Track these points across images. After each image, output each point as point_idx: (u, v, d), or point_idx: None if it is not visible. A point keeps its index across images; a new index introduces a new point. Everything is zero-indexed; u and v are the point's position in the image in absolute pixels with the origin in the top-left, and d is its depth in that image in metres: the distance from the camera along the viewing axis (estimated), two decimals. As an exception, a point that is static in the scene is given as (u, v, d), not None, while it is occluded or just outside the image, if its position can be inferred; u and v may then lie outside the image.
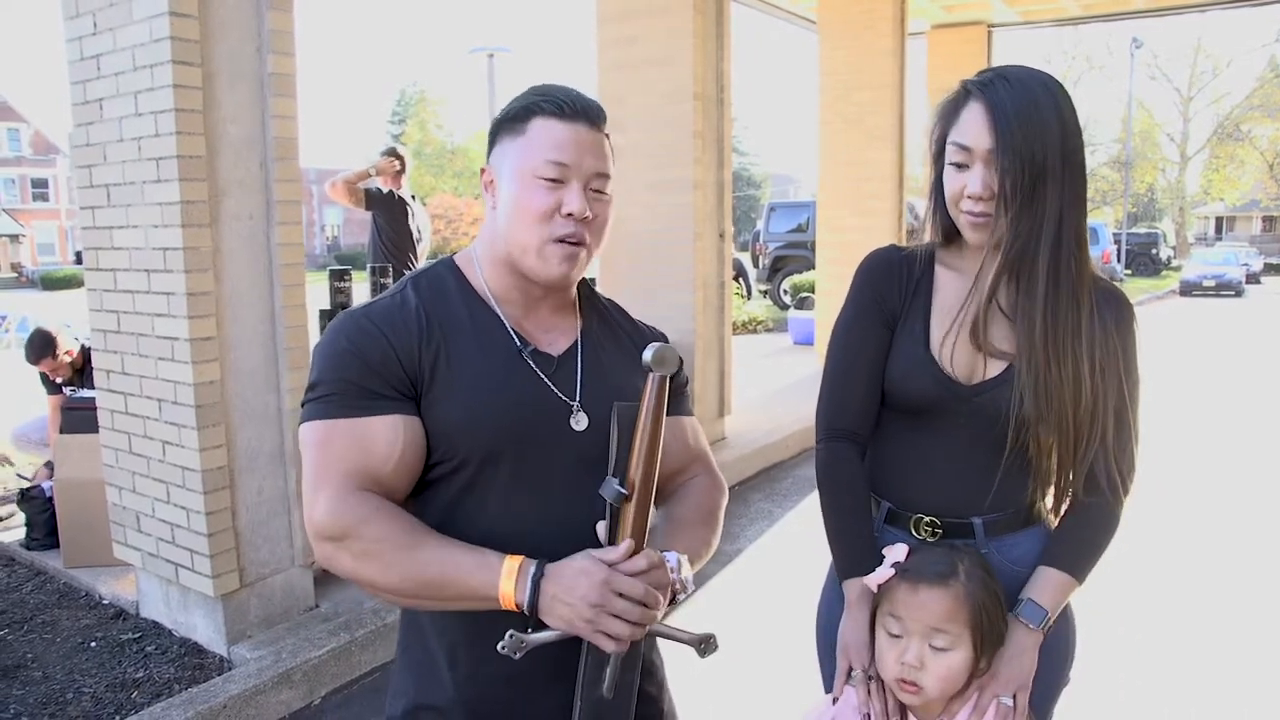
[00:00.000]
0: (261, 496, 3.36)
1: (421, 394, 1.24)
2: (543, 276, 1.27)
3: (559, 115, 1.26)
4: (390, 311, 1.27)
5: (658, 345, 1.19)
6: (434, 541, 1.17)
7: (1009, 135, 1.35)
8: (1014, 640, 1.42)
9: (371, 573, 1.16)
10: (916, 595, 1.38)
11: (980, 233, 1.42)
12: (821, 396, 1.59)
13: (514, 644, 1.12)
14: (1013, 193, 1.36)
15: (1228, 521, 5.06)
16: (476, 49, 15.82)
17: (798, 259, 16.99)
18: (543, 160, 1.24)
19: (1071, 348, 1.40)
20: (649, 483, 1.19)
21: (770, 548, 4.73)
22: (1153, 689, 3.21)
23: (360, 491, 1.18)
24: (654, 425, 1.18)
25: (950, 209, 1.45)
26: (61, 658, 3.38)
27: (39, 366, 4.74)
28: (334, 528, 1.16)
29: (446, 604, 1.19)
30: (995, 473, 1.49)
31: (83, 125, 3.32)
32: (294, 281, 3.38)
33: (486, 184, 1.33)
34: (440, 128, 45.14)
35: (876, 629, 1.43)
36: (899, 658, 1.38)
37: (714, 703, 3.02)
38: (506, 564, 1.14)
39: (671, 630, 1.23)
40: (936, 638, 1.36)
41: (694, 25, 5.65)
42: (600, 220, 1.29)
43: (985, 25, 10.46)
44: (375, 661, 3.41)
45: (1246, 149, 40.08)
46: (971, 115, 1.39)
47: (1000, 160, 1.35)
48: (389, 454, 1.20)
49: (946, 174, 1.44)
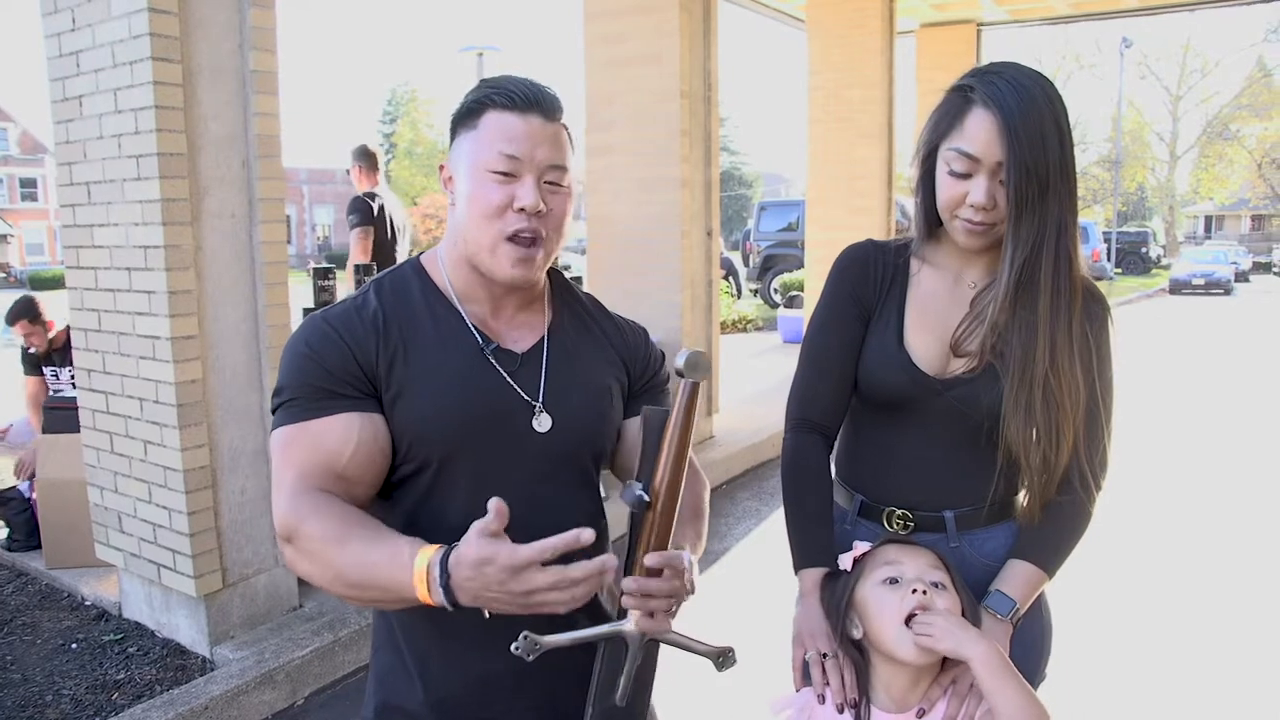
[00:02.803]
0: (244, 496, 3.34)
1: (381, 393, 1.23)
2: (498, 276, 1.25)
3: (511, 107, 1.23)
4: (348, 314, 1.26)
5: (691, 350, 1.13)
6: (359, 537, 1.11)
7: (1018, 149, 1.33)
8: (984, 631, 1.40)
9: (314, 571, 1.13)
10: (907, 548, 1.39)
11: (977, 240, 1.42)
12: (793, 387, 1.60)
13: (528, 646, 1.08)
14: (1019, 204, 1.35)
15: (1210, 519, 5.07)
16: (466, 48, 15.77)
17: (788, 258, 17.01)
18: (494, 153, 1.22)
19: (1066, 355, 1.41)
20: (675, 490, 1.14)
21: (758, 546, 4.73)
22: (1127, 686, 3.21)
23: (310, 490, 1.15)
24: (683, 432, 1.13)
25: (943, 213, 1.44)
26: (42, 660, 3.36)
27: (15, 328, 4.65)
28: (285, 527, 1.15)
29: (387, 604, 1.14)
30: (967, 467, 1.50)
31: (62, 122, 3.30)
32: (276, 280, 3.36)
33: (445, 180, 1.31)
34: (431, 127, 44.97)
35: (864, 595, 1.38)
36: (906, 593, 1.33)
37: (700, 701, 3.01)
38: (416, 565, 1.05)
39: (690, 641, 1.18)
40: (933, 574, 1.36)
41: (681, 23, 5.64)
42: (557, 214, 1.26)
43: (975, 24, 10.45)
44: (358, 661, 3.39)
45: (1235, 148, 40.23)
46: (979, 124, 1.35)
47: (1011, 175, 1.34)
48: (342, 450, 1.18)
49: (944, 179, 1.41)
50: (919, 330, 1.49)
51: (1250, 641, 3.53)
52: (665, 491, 1.13)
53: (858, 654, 1.40)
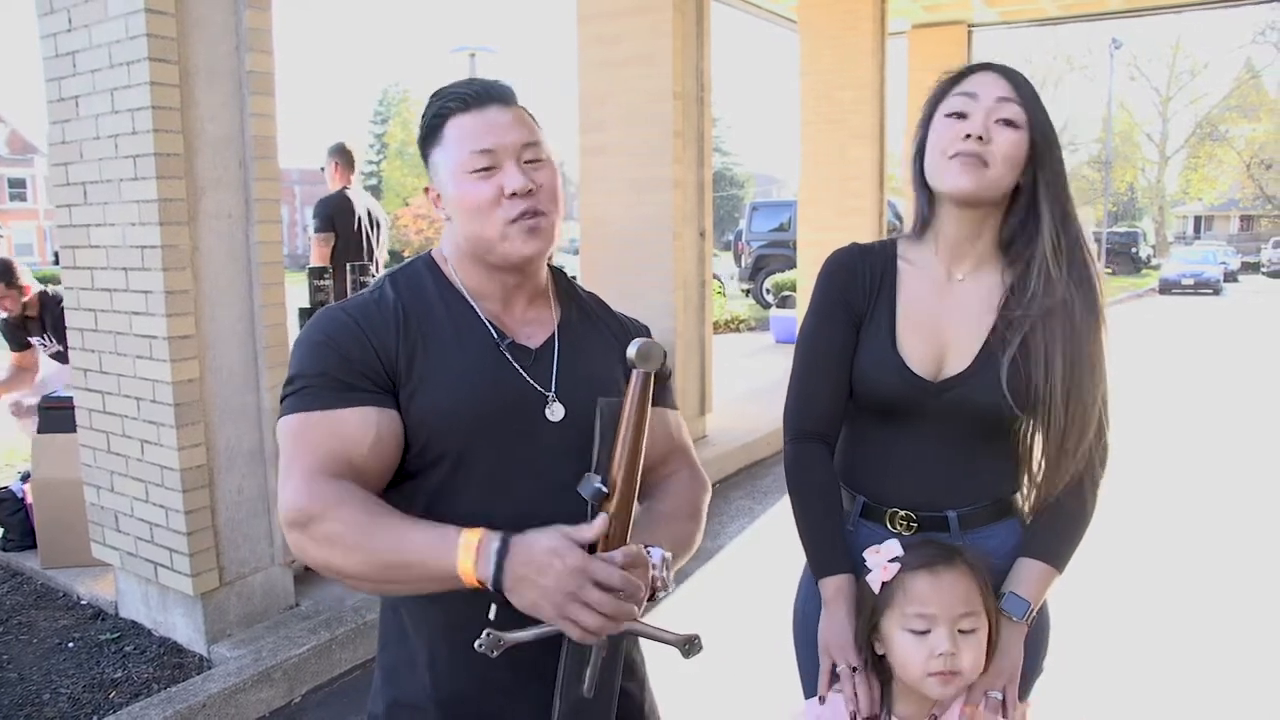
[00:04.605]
0: (241, 495, 3.35)
1: (399, 387, 1.24)
2: (514, 257, 1.27)
3: (466, 108, 1.26)
4: (368, 306, 1.28)
5: (642, 340, 1.16)
6: (393, 521, 1.14)
7: (1023, 93, 1.42)
8: (999, 634, 1.42)
9: (336, 558, 1.14)
10: (939, 582, 1.35)
11: (968, 178, 1.41)
12: (789, 397, 1.60)
13: (491, 642, 1.09)
14: (1035, 146, 1.42)
15: (1201, 516, 5.11)
16: (459, 48, 15.78)
17: (780, 258, 17.05)
18: (467, 154, 1.24)
19: (1059, 335, 1.42)
20: (632, 480, 1.15)
21: (751, 545, 4.75)
22: (1125, 678, 3.24)
23: (329, 478, 1.17)
24: (637, 422, 1.14)
25: (937, 162, 1.44)
26: (38, 659, 3.36)
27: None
28: (300, 513, 1.15)
29: (413, 586, 1.15)
30: (968, 466, 1.50)
31: (58, 123, 3.30)
32: (273, 280, 3.37)
33: (434, 200, 1.33)
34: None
35: (890, 630, 1.39)
36: (933, 651, 1.33)
37: (696, 700, 3.03)
38: (464, 538, 1.09)
39: (654, 630, 1.18)
40: (964, 621, 1.35)
41: (674, 24, 5.66)
42: (548, 187, 1.29)
43: (965, 25, 10.49)
44: (356, 659, 3.40)
45: (1224, 149, 40.36)
46: (978, 74, 1.46)
47: (1025, 112, 1.41)
48: (362, 442, 1.19)
49: (940, 128, 1.45)
50: (911, 333, 1.50)
51: (1241, 635, 3.57)
52: (622, 481, 1.14)
53: (881, 669, 1.42)
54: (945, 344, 1.49)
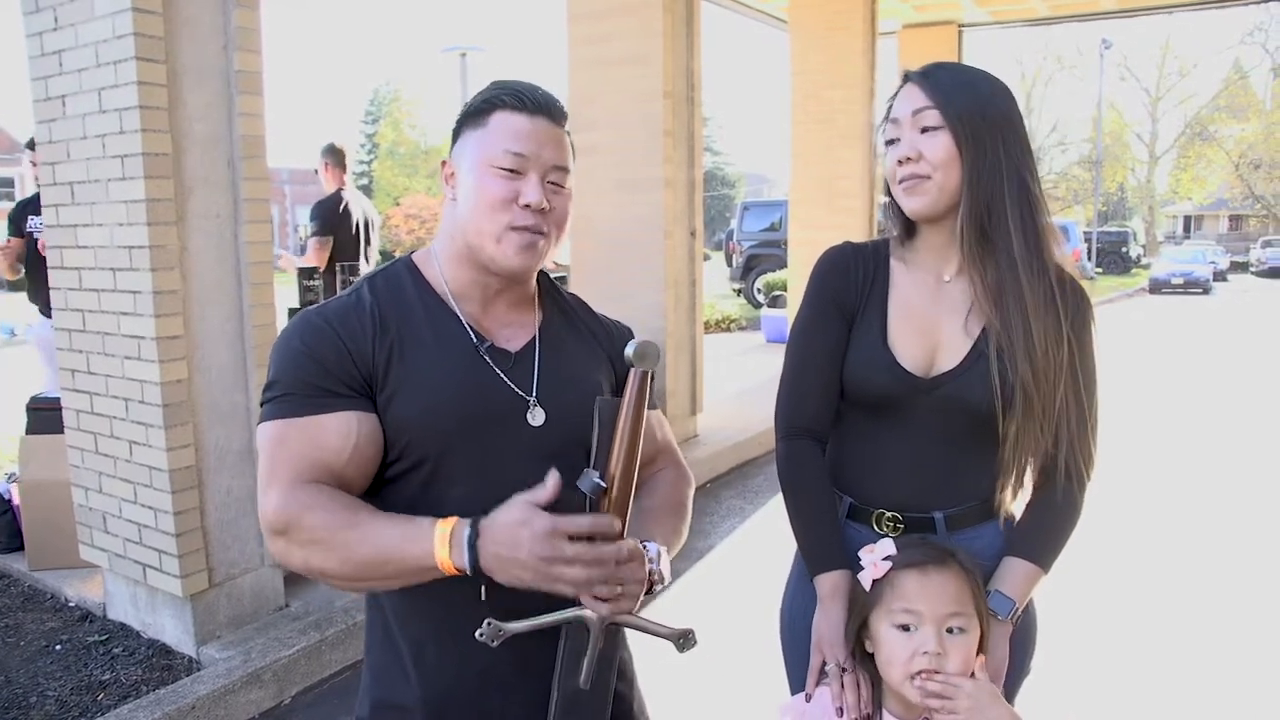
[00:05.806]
0: (230, 496, 3.34)
1: (377, 392, 1.24)
2: (502, 265, 1.27)
3: (519, 108, 1.26)
4: (344, 310, 1.27)
5: (640, 340, 1.18)
6: (370, 518, 1.16)
7: (939, 92, 1.42)
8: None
9: (317, 560, 1.15)
10: (929, 581, 1.34)
11: (915, 199, 1.44)
12: (780, 394, 1.60)
13: (492, 632, 1.11)
14: (959, 143, 1.40)
15: (1190, 514, 5.14)
16: (450, 48, 15.76)
17: (771, 257, 17.09)
18: (501, 150, 1.25)
19: (1043, 310, 1.42)
20: (629, 477, 1.18)
21: (742, 544, 4.76)
22: (1113, 679, 3.26)
23: (307, 484, 1.17)
24: (635, 420, 1.18)
25: (894, 189, 1.48)
26: (25, 661, 3.34)
27: None
28: (281, 520, 1.16)
29: (396, 581, 1.17)
30: (955, 466, 1.51)
31: (45, 122, 3.29)
32: (261, 280, 3.36)
33: (447, 176, 1.33)
34: (414, 127, 44.71)
35: (878, 627, 1.38)
36: (917, 649, 1.32)
37: (685, 698, 3.04)
38: (438, 530, 1.12)
39: (650, 624, 1.20)
40: (952, 621, 1.34)
41: (664, 24, 5.66)
42: (559, 213, 1.29)
43: (956, 25, 10.53)
44: (345, 660, 3.40)
45: (1214, 149, 40.55)
46: (902, 92, 1.47)
47: (946, 113, 1.40)
48: (342, 448, 1.20)
49: (886, 161, 1.48)
50: (902, 330, 1.50)
51: (1230, 634, 3.59)
52: (620, 478, 1.17)
53: (873, 668, 1.41)
54: (937, 342, 1.49)
